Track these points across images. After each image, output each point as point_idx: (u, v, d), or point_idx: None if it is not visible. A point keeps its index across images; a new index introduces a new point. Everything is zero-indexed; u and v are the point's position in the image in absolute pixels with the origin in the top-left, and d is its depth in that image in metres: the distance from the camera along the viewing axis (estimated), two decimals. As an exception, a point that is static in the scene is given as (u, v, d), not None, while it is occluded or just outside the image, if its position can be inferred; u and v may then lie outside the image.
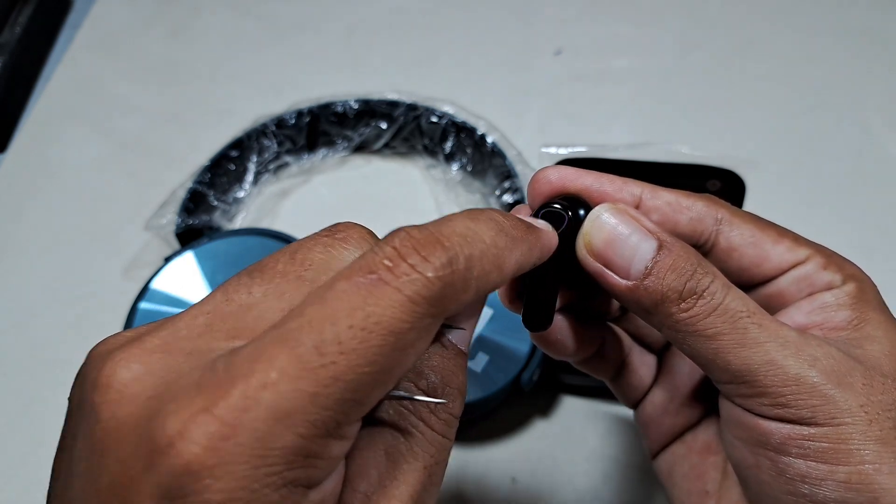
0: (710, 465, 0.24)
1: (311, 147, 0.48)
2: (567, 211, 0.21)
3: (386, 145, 0.48)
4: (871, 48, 0.58)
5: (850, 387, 0.19)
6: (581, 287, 0.24)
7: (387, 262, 0.15)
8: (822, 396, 0.19)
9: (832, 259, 0.22)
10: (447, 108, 0.46)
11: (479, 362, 0.33)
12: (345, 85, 0.50)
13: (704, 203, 0.23)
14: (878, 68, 0.57)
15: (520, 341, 0.34)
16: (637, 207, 0.23)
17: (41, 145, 0.51)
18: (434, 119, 0.46)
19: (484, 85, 0.55)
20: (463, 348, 0.19)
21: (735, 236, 0.22)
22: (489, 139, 0.45)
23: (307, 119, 0.47)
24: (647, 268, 0.20)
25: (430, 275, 0.15)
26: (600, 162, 0.37)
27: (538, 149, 0.42)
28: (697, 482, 0.24)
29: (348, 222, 0.18)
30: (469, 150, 0.46)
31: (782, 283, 0.22)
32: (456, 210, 0.46)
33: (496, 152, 0.44)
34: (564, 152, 0.38)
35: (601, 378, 0.27)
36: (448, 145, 0.46)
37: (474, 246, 0.16)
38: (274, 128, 0.46)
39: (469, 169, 0.46)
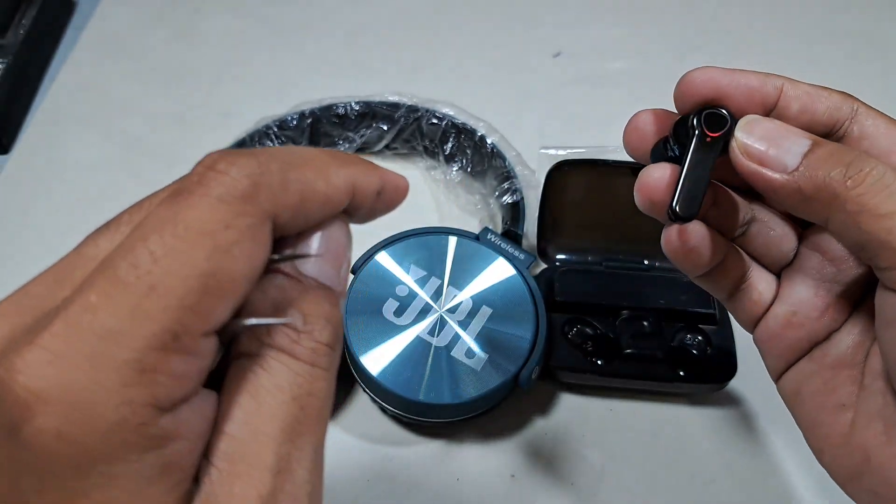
0: (844, 378, 0.23)
1: (312, 148, 0.49)
2: (729, 114, 0.23)
3: (387, 146, 0.49)
4: (865, 51, 0.59)
5: None
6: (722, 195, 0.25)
7: (195, 177, 0.15)
8: None
9: None
10: (447, 110, 0.47)
11: (479, 361, 0.34)
12: (346, 87, 0.50)
13: (840, 95, 0.24)
14: (873, 70, 0.57)
15: (519, 340, 0.35)
16: (779, 97, 0.24)
17: (45, 146, 0.52)
18: (434, 120, 0.47)
19: (484, 87, 0.56)
20: (324, 281, 0.18)
21: (869, 125, 0.23)
22: (489, 140, 0.45)
23: (309, 120, 0.47)
24: (804, 155, 0.21)
25: (234, 174, 0.15)
26: (598, 163, 0.38)
27: (537, 150, 0.43)
28: (831, 396, 0.23)
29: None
30: (469, 152, 0.46)
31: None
32: (456, 211, 0.46)
33: (496, 153, 0.44)
34: (563, 153, 0.38)
35: (719, 295, 0.26)
36: (448, 146, 0.47)
37: (292, 155, 0.17)
38: (276, 129, 0.47)
39: (469, 170, 0.47)
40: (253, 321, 0.16)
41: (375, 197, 0.19)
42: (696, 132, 0.23)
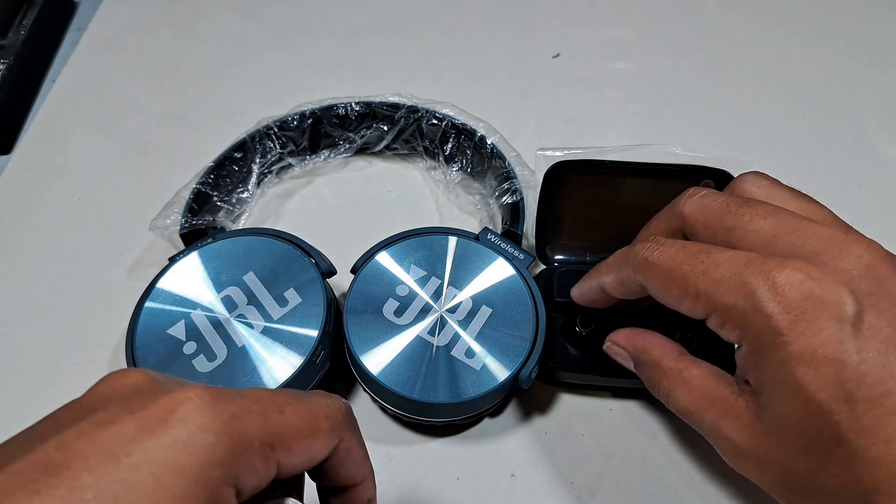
0: None
1: (313, 149, 0.49)
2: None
3: (387, 147, 0.49)
4: (865, 49, 0.59)
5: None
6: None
7: None
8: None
9: (729, 315, 0.26)
10: (447, 111, 0.47)
11: (479, 360, 0.34)
12: (347, 87, 0.50)
13: (626, 272, 0.31)
14: (872, 69, 0.57)
15: (519, 339, 0.35)
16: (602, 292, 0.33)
17: (46, 147, 0.52)
18: (434, 121, 0.47)
19: (483, 88, 0.56)
20: None
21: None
22: (489, 141, 0.45)
23: (309, 121, 0.47)
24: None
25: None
26: (595, 164, 0.38)
27: (536, 150, 0.43)
28: None
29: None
30: (469, 152, 0.46)
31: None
32: (455, 210, 0.46)
33: (496, 154, 0.45)
34: (560, 154, 0.38)
35: None
36: (448, 147, 0.47)
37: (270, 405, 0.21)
38: (277, 129, 0.47)
39: (469, 170, 0.47)
40: None
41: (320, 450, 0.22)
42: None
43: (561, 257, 0.41)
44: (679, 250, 0.27)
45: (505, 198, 0.43)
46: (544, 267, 0.41)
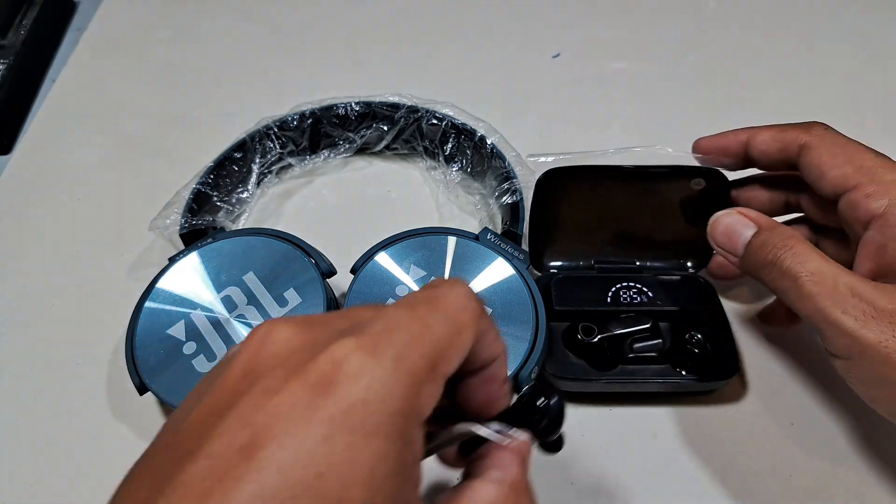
0: None
1: (313, 149, 0.49)
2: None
3: (387, 147, 0.49)
4: (865, 50, 0.59)
5: (873, 329, 0.27)
6: None
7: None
8: (851, 337, 0.27)
9: (879, 185, 0.31)
10: (447, 111, 0.47)
11: (479, 360, 0.34)
12: (346, 87, 0.50)
13: (795, 129, 0.34)
14: (872, 69, 0.57)
15: (519, 339, 0.35)
16: (747, 147, 0.35)
17: (46, 147, 0.52)
18: (434, 121, 0.47)
19: (483, 87, 0.56)
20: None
21: (805, 161, 0.33)
22: (489, 141, 0.45)
23: (309, 121, 0.47)
24: (745, 246, 0.31)
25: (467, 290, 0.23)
26: (587, 168, 0.38)
27: (527, 157, 0.43)
28: None
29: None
30: (469, 152, 0.46)
31: (846, 202, 0.32)
32: (455, 210, 0.46)
33: (495, 154, 0.45)
34: (551, 160, 0.38)
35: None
36: (448, 147, 0.47)
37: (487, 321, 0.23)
38: (276, 129, 0.47)
39: (469, 170, 0.47)
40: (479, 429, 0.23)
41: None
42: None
43: (556, 264, 0.41)
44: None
45: (505, 198, 0.43)
46: (540, 274, 0.41)
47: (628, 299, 0.38)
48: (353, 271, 0.38)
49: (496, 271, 0.37)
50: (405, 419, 0.18)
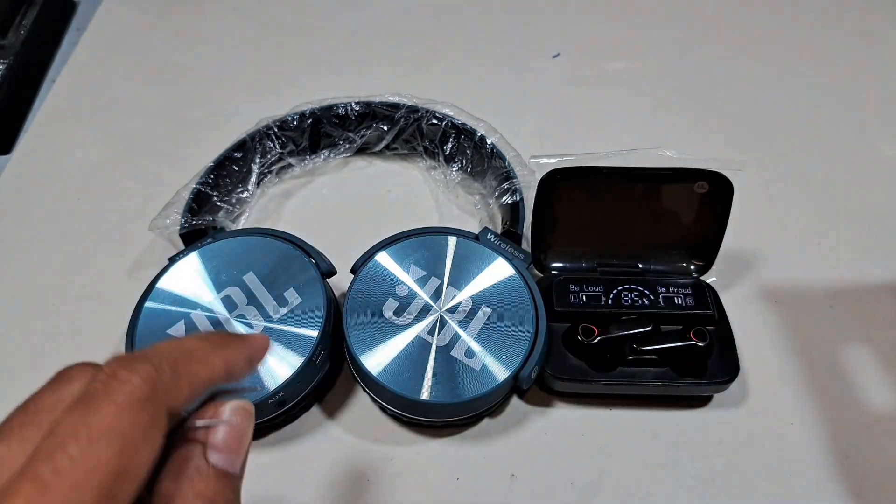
0: None
1: (313, 149, 0.49)
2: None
3: (387, 147, 0.49)
4: (865, 49, 0.59)
5: None
6: None
7: (98, 384, 0.18)
8: None
9: None
10: (447, 111, 0.47)
11: (478, 360, 0.34)
12: (346, 87, 0.50)
13: None
14: (872, 69, 0.57)
15: (519, 339, 0.35)
16: None
17: (46, 147, 0.52)
18: (434, 121, 0.47)
19: (483, 87, 0.56)
20: (226, 468, 0.21)
21: None
22: (488, 141, 0.45)
23: (309, 121, 0.47)
24: None
25: (135, 381, 0.18)
26: (590, 170, 0.38)
27: (530, 158, 0.43)
28: None
29: (71, 365, 0.21)
30: (469, 152, 0.46)
31: None
32: (455, 210, 0.46)
33: (495, 154, 0.45)
34: (553, 162, 0.38)
35: None
36: (448, 147, 0.47)
37: (179, 351, 0.20)
38: (276, 129, 0.47)
39: (469, 170, 0.47)
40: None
41: (247, 363, 0.23)
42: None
43: (558, 265, 0.41)
44: None
45: (505, 198, 0.43)
46: (542, 276, 0.41)
47: (630, 302, 0.38)
48: (353, 271, 0.38)
49: (496, 271, 0.37)
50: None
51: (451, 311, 0.36)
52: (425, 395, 0.33)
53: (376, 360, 0.34)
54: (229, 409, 0.21)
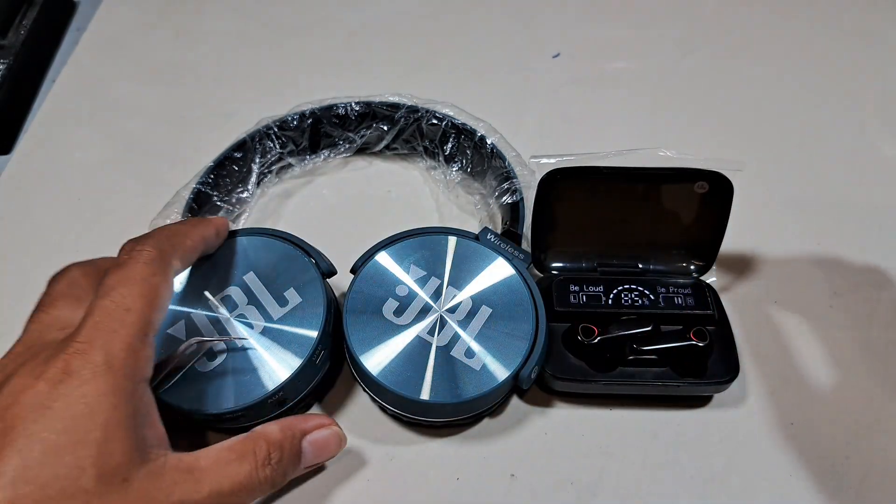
0: None
1: (313, 149, 0.49)
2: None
3: (387, 147, 0.49)
4: (865, 49, 0.59)
5: None
6: None
7: (125, 255, 0.29)
8: None
9: None
10: (447, 111, 0.47)
11: (479, 360, 0.34)
12: (346, 87, 0.50)
13: None
14: (872, 69, 0.57)
15: (519, 339, 0.35)
16: None
17: (46, 147, 0.52)
18: (434, 121, 0.47)
19: (483, 87, 0.56)
20: (304, 454, 0.32)
21: None
22: (489, 141, 0.45)
23: (309, 121, 0.47)
24: None
25: (148, 248, 0.30)
26: (590, 170, 0.38)
27: (530, 158, 0.43)
28: None
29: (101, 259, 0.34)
30: (469, 152, 0.46)
31: None
32: (455, 210, 0.47)
33: (495, 154, 0.45)
34: (553, 161, 0.38)
35: None
36: (448, 147, 0.47)
37: (169, 230, 0.32)
38: (276, 129, 0.47)
39: (469, 170, 0.47)
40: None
41: (216, 236, 0.36)
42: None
43: (558, 265, 0.41)
44: None
45: (505, 198, 0.43)
46: (542, 275, 0.41)
47: (630, 302, 0.38)
48: (353, 271, 0.38)
49: (496, 271, 0.37)
50: (128, 381, 0.26)
51: (451, 311, 0.36)
52: (425, 395, 0.33)
53: (376, 360, 0.34)
54: (339, 432, 0.34)
